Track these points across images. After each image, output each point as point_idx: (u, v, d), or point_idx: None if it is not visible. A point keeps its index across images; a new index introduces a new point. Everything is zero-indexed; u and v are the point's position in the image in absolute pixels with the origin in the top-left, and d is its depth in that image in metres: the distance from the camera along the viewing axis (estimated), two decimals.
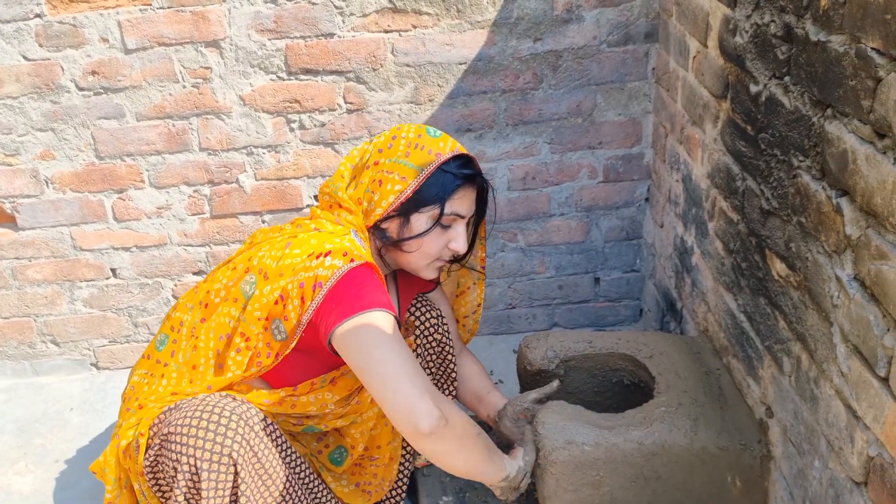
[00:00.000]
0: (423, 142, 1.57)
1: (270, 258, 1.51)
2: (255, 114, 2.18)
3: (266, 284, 1.49)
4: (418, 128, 1.61)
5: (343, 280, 1.43)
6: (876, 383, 1.15)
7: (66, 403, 2.37)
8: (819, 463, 1.36)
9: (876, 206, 1.12)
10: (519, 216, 2.37)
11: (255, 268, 1.53)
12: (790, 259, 1.41)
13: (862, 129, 1.15)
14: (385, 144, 1.59)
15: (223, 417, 1.42)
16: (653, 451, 1.57)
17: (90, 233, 2.29)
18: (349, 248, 1.48)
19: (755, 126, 1.53)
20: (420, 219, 1.58)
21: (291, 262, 1.47)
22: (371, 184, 1.57)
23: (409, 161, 1.55)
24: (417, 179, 1.54)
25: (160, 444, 1.45)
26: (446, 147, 1.58)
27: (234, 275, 1.57)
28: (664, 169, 2.19)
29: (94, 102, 2.14)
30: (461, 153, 1.60)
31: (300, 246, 1.49)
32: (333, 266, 1.44)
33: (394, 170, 1.55)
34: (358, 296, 1.43)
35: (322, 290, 1.43)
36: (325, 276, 1.43)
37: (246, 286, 1.52)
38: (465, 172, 1.58)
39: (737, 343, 1.71)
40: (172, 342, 1.62)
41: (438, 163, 1.55)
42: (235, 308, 1.53)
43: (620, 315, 2.53)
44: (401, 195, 1.55)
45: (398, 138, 1.58)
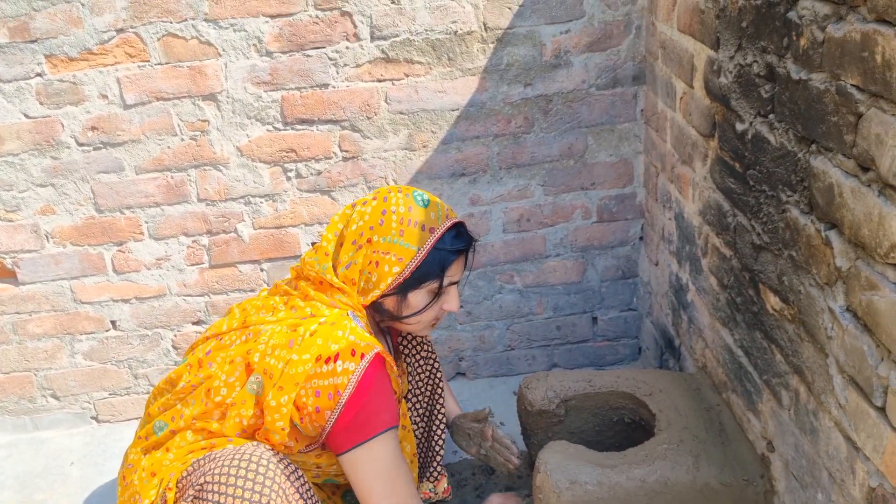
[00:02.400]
0: (414, 216, 1.58)
1: (275, 359, 1.50)
2: (252, 164, 2.21)
3: (282, 395, 1.49)
4: (406, 198, 1.60)
5: (358, 388, 1.48)
6: (873, 413, 1.16)
7: (66, 458, 2.35)
8: (822, 496, 1.35)
9: (864, 238, 1.14)
10: (515, 258, 2.39)
11: (258, 366, 1.52)
12: (783, 292, 1.43)
13: (846, 164, 1.18)
14: (375, 220, 1.58)
15: (261, 466, 1.44)
16: (656, 489, 1.57)
17: (90, 286, 2.31)
18: (354, 343, 1.50)
19: (743, 163, 1.57)
20: (418, 295, 1.61)
21: (304, 369, 1.48)
22: (366, 265, 1.58)
23: (404, 241, 1.56)
24: (415, 260, 1.57)
25: (194, 496, 1.44)
26: (437, 220, 1.60)
27: (233, 369, 1.55)
28: (657, 207, 2.22)
29: (93, 157, 2.17)
30: (455, 222, 1.63)
31: (307, 349, 1.49)
32: (346, 372, 1.47)
33: (390, 250, 1.56)
34: (370, 411, 1.49)
35: (341, 400, 1.48)
36: (342, 385, 1.47)
37: (253, 386, 1.53)
38: (460, 247, 1.63)
39: (735, 378, 1.72)
40: (171, 432, 1.61)
41: (434, 241, 1.58)
42: (245, 409, 1.53)
43: (619, 354, 2.54)
44: (399, 277, 1.57)
45: (388, 213, 1.58)
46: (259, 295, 1.75)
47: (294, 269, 1.71)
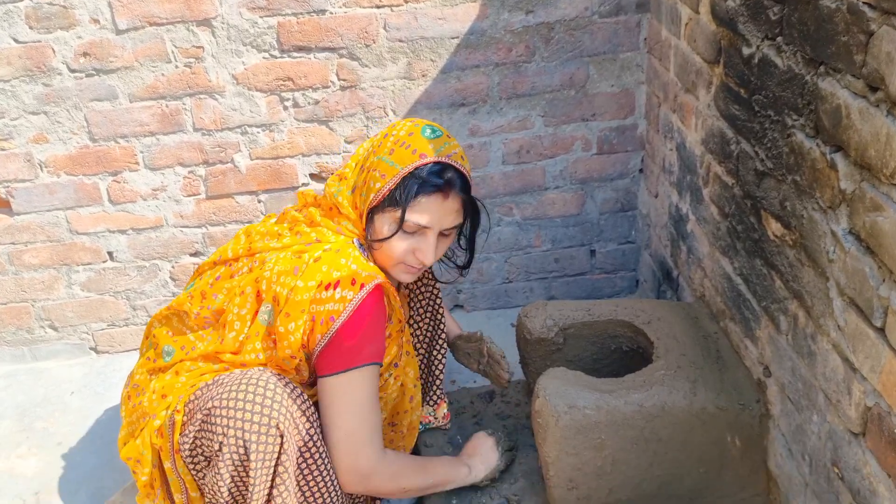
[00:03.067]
0: (412, 140, 1.54)
1: (281, 286, 1.51)
2: (248, 93, 2.17)
3: (289, 321, 1.50)
4: (414, 126, 1.57)
5: (352, 317, 1.48)
6: (872, 334, 1.17)
7: (66, 388, 2.37)
8: (817, 417, 1.38)
9: (870, 159, 1.13)
10: (514, 190, 2.38)
11: (267, 295, 1.53)
12: (785, 218, 1.43)
13: (855, 84, 1.16)
14: (377, 142, 1.59)
15: (268, 390, 1.45)
16: (653, 413, 1.59)
17: (86, 216, 2.29)
18: (356, 272, 1.49)
19: (748, 89, 1.55)
20: (382, 219, 1.56)
21: (308, 296, 1.48)
22: (363, 186, 1.57)
23: (391, 159, 1.53)
24: (394, 179, 1.52)
25: (203, 419, 1.46)
26: (433, 150, 1.52)
27: (244, 301, 1.55)
28: (658, 139, 2.20)
29: (86, 84, 2.13)
30: (446, 161, 1.53)
31: (312, 276, 1.49)
32: (344, 300, 1.48)
33: (377, 167, 1.54)
34: (358, 341, 1.50)
35: (334, 326, 1.48)
36: (337, 311, 1.48)
37: (264, 317, 1.53)
38: (434, 181, 1.52)
39: (733, 306, 1.73)
40: (181, 360, 1.62)
41: (416, 165, 1.51)
42: (259, 341, 1.54)
43: (617, 286, 2.55)
44: (378, 193, 1.53)
45: (388, 136, 1.57)
46: (266, 220, 1.75)
47: (302, 196, 1.70)
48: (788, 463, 1.52)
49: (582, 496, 1.63)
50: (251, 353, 1.55)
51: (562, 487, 1.62)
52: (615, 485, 1.63)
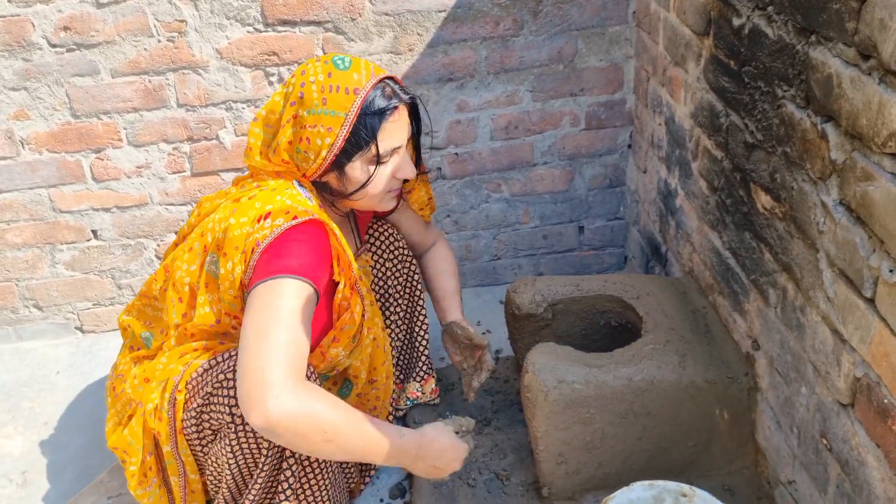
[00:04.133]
0: (335, 81, 1.46)
1: (221, 230, 1.45)
2: (232, 67, 2.14)
3: (227, 260, 1.43)
4: (325, 65, 1.48)
5: (278, 239, 1.39)
6: (862, 305, 1.17)
7: (52, 367, 2.35)
8: (806, 389, 1.38)
9: (861, 129, 1.12)
10: (502, 166, 2.36)
11: (210, 244, 1.47)
12: (775, 190, 1.42)
13: (846, 53, 1.15)
14: (296, 94, 1.47)
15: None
16: (642, 387, 1.59)
17: (69, 194, 2.26)
18: (291, 206, 1.42)
19: (738, 60, 1.53)
20: (355, 167, 1.51)
21: (241, 231, 1.41)
22: (298, 143, 1.48)
23: (328, 109, 1.45)
24: (345, 126, 1.46)
25: (211, 392, 1.44)
26: (361, 78, 1.47)
27: (193, 257, 1.51)
28: (646, 113, 2.19)
29: (67, 59, 2.09)
30: (378, 79, 1.49)
31: (245, 212, 1.43)
32: (273, 226, 1.40)
33: (317, 122, 1.46)
34: (281, 256, 1.38)
35: (258, 250, 1.39)
36: (263, 237, 1.39)
37: (212, 267, 1.47)
38: (386, 104, 1.48)
39: (722, 280, 1.73)
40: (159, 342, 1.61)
41: (361, 102, 1.46)
42: (210, 293, 1.48)
43: (605, 263, 2.55)
44: (333, 147, 1.47)
45: (307, 84, 1.46)
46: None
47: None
48: (777, 435, 1.52)
49: (571, 470, 1.63)
50: (205, 306, 1.48)
51: (551, 462, 1.62)
52: (604, 459, 1.63)
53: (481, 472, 1.77)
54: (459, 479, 1.76)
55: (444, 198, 2.38)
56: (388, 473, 1.87)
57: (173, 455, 1.52)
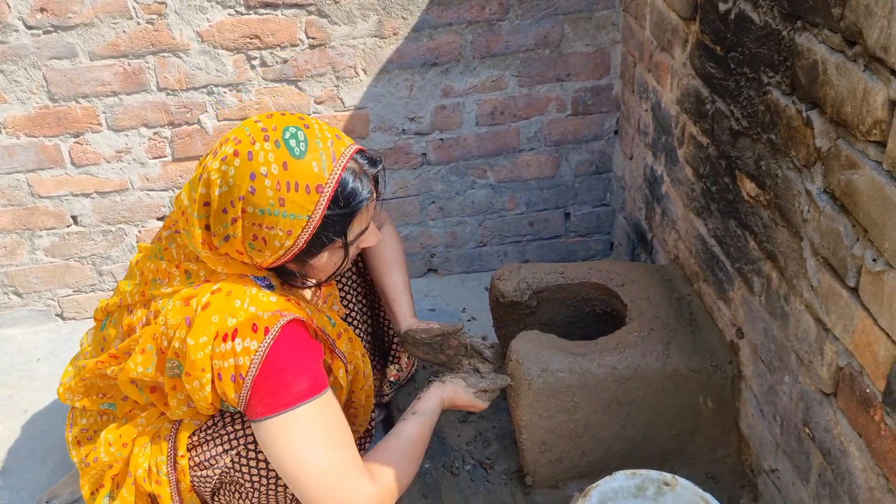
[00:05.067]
0: (293, 176, 1.25)
1: (178, 340, 1.31)
2: (213, 51, 2.11)
3: (193, 380, 1.31)
4: (277, 150, 1.25)
5: (264, 367, 1.27)
6: (846, 294, 1.16)
7: (32, 355, 2.32)
8: (789, 378, 1.37)
9: (846, 116, 1.11)
10: (488, 152, 2.34)
11: (168, 350, 1.33)
12: (760, 178, 1.41)
13: (832, 39, 1.14)
14: (244, 187, 1.25)
15: None
16: (626, 375, 1.58)
17: (48, 179, 2.22)
18: (255, 315, 1.28)
19: (724, 46, 1.52)
20: (322, 258, 1.38)
21: (203, 354, 1.28)
22: (250, 238, 1.30)
23: (287, 211, 1.26)
24: (307, 230, 1.29)
25: (233, 461, 1.38)
26: (324, 171, 1.27)
27: (148, 360, 1.36)
28: (633, 99, 2.17)
29: (44, 41, 2.05)
30: (344, 167, 1.30)
31: (203, 331, 1.28)
32: (248, 351, 1.26)
33: (274, 225, 1.27)
34: (282, 384, 1.28)
35: (246, 384, 1.28)
36: (244, 367, 1.27)
37: (175, 371, 1.35)
38: (362, 197, 1.32)
39: (707, 268, 1.72)
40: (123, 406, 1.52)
41: (327, 202, 1.28)
42: (181, 392, 1.38)
43: (591, 250, 2.54)
44: (292, 249, 1.31)
45: (259, 178, 1.24)
46: (159, 234, 1.50)
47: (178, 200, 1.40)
48: (760, 424, 1.52)
49: (555, 459, 1.63)
50: (177, 407, 1.39)
51: (534, 450, 1.62)
52: (588, 447, 1.62)
53: (465, 461, 1.76)
54: (443, 467, 1.75)
55: (429, 184, 2.36)
56: None
57: None
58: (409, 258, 2.48)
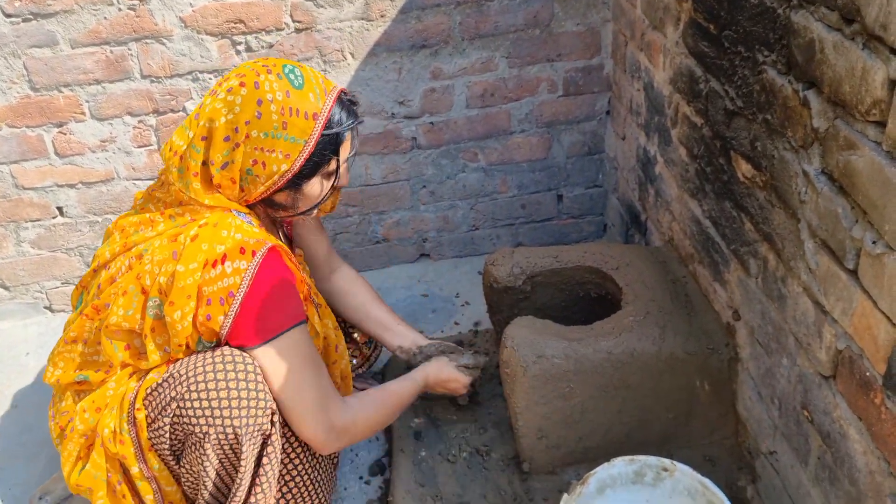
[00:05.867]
0: (294, 103, 1.39)
1: (164, 275, 1.37)
2: (197, 36, 2.06)
3: (175, 309, 1.36)
4: (280, 81, 1.39)
5: (254, 285, 1.36)
6: (844, 276, 1.14)
7: (21, 348, 2.30)
8: (787, 361, 1.36)
9: (844, 96, 1.09)
10: (479, 135, 2.31)
11: (150, 288, 1.39)
12: (756, 159, 1.39)
13: (829, 17, 1.11)
14: (251, 112, 1.37)
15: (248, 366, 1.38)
16: (622, 360, 1.57)
17: (31, 170, 2.18)
18: (242, 241, 1.38)
19: (718, 24, 1.49)
20: (314, 184, 1.48)
21: (192, 280, 1.35)
22: (248, 164, 1.40)
23: (288, 135, 1.39)
24: (303, 154, 1.41)
25: (178, 408, 1.37)
26: (318, 100, 1.42)
27: (129, 301, 1.41)
28: (625, 79, 2.14)
29: (23, 30, 2.00)
30: (336, 95, 1.45)
31: (193, 257, 1.36)
32: (238, 270, 1.35)
33: (274, 147, 1.39)
34: (270, 309, 1.39)
35: (235, 303, 1.36)
36: (235, 285, 1.35)
37: (153, 311, 1.40)
38: (349, 121, 1.47)
39: (702, 249, 1.70)
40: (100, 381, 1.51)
41: (322, 127, 1.42)
42: (159, 337, 1.42)
43: (584, 231, 2.52)
44: (288, 173, 1.42)
45: (266, 104, 1.37)
46: (134, 205, 1.58)
47: (162, 172, 1.54)
48: (758, 406, 1.51)
49: (551, 445, 1.62)
50: (153, 353, 1.42)
51: (531, 437, 1.61)
52: (584, 433, 1.61)
53: (461, 449, 1.75)
54: (440, 455, 1.74)
55: (420, 168, 2.33)
56: (367, 451, 1.85)
57: (142, 475, 1.44)
58: (401, 243, 2.46)
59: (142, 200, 1.55)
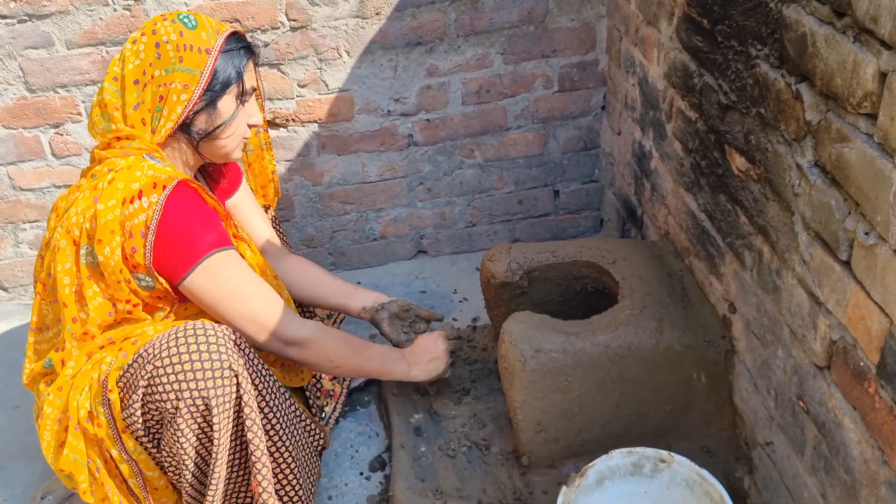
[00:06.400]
0: (187, 40, 1.52)
1: (87, 220, 1.45)
2: None
3: (103, 247, 1.44)
4: (175, 24, 1.53)
5: (165, 214, 1.44)
6: (838, 268, 1.16)
7: (20, 349, 2.30)
8: (782, 352, 1.37)
9: (836, 89, 1.10)
10: (475, 131, 2.32)
11: (80, 237, 1.46)
12: (749, 152, 1.40)
13: (821, 10, 1.12)
14: (152, 55, 1.51)
15: (207, 334, 1.40)
16: (619, 353, 1.58)
17: (29, 171, 2.19)
18: (154, 177, 1.46)
19: (711, 18, 1.50)
20: (226, 101, 1.58)
21: (113, 216, 1.43)
22: (154, 101, 1.52)
23: (184, 66, 1.51)
24: (200, 84, 1.53)
25: (146, 385, 1.39)
26: (210, 35, 1.55)
27: (64, 256, 1.48)
28: (619, 74, 2.15)
29: (19, 31, 2.01)
30: (229, 32, 1.58)
31: (111, 195, 1.44)
32: (151, 203, 1.43)
33: (173, 79, 1.51)
34: (188, 236, 1.47)
35: (151, 232, 1.44)
36: (149, 217, 1.43)
37: (89, 258, 1.47)
38: (246, 45, 1.60)
39: (698, 243, 1.71)
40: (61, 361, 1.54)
41: (216, 54, 1.54)
42: (98, 283, 1.48)
43: (581, 227, 2.53)
44: (189, 103, 1.53)
45: (162, 45, 1.51)
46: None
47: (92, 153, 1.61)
48: (754, 398, 1.52)
49: (550, 438, 1.63)
50: (94, 299, 1.48)
51: (530, 431, 1.62)
52: (583, 426, 1.63)
53: (461, 443, 1.76)
54: (439, 450, 1.75)
55: (417, 165, 2.34)
56: (367, 447, 1.86)
57: (123, 457, 1.47)
58: (399, 240, 2.47)
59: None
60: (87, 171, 1.58)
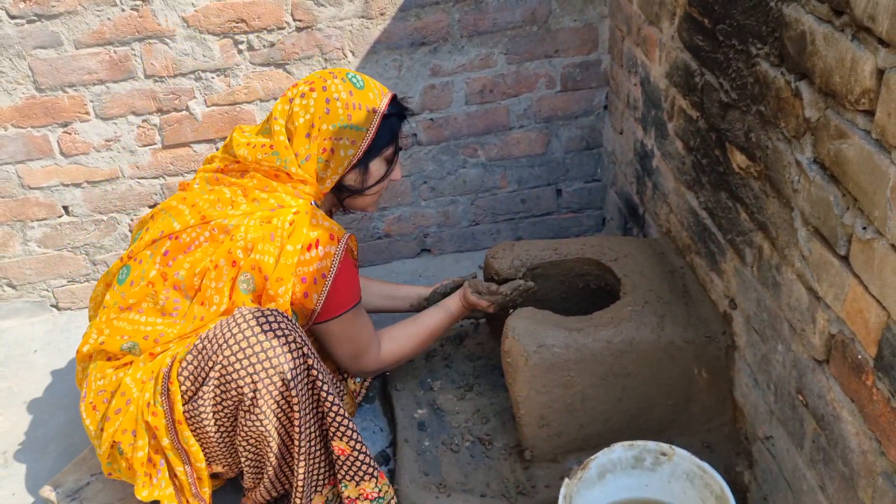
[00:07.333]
0: (356, 100, 1.66)
1: (262, 253, 1.57)
2: (200, 36, 2.09)
3: (280, 285, 1.58)
4: (344, 83, 1.66)
5: (340, 267, 1.63)
6: (836, 262, 1.17)
7: (29, 346, 2.33)
8: (782, 347, 1.39)
9: (835, 86, 1.12)
10: (478, 131, 2.34)
11: (245, 263, 1.58)
12: (750, 149, 1.42)
13: (819, 9, 1.14)
14: (321, 109, 1.64)
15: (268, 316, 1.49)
16: (621, 348, 1.60)
17: (37, 170, 2.21)
18: (330, 229, 1.63)
19: (712, 18, 1.52)
20: (377, 163, 1.73)
21: (295, 259, 1.58)
22: (321, 153, 1.66)
23: (353, 124, 1.65)
24: (366, 140, 1.67)
25: (220, 376, 1.45)
26: (377, 97, 1.69)
27: (220, 275, 1.58)
28: (622, 74, 2.17)
29: (28, 31, 2.03)
30: (391, 96, 1.72)
31: (298, 240, 1.59)
32: (329, 255, 1.61)
33: (342, 135, 1.65)
34: (342, 290, 1.65)
35: (328, 281, 1.62)
36: (326, 268, 1.61)
37: (243, 286, 1.59)
38: (403, 112, 1.75)
39: (699, 240, 1.73)
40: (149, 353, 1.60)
41: (380, 116, 1.68)
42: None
43: (583, 225, 2.55)
44: (354, 157, 1.67)
45: (332, 101, 1.64)
46: (192, 185, 1.76)
47: (220, 159, 1.73)
48: (754, 392, 1.54)
49: (553, 433, 1.65)
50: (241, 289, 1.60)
51: (533, 425, 1.64)
52: (585, 421, 1.64)
53: (464, 438, 1.78)
54: (443, 444, 1.77)
55: (421, 164, 2.36)
56: (372, 442, 1.88)
57: (173, 447, 1.52)
58: (403, 239, 2.49)
59: (199, 181, 1.74)
60: (225, 180, 1.69)
